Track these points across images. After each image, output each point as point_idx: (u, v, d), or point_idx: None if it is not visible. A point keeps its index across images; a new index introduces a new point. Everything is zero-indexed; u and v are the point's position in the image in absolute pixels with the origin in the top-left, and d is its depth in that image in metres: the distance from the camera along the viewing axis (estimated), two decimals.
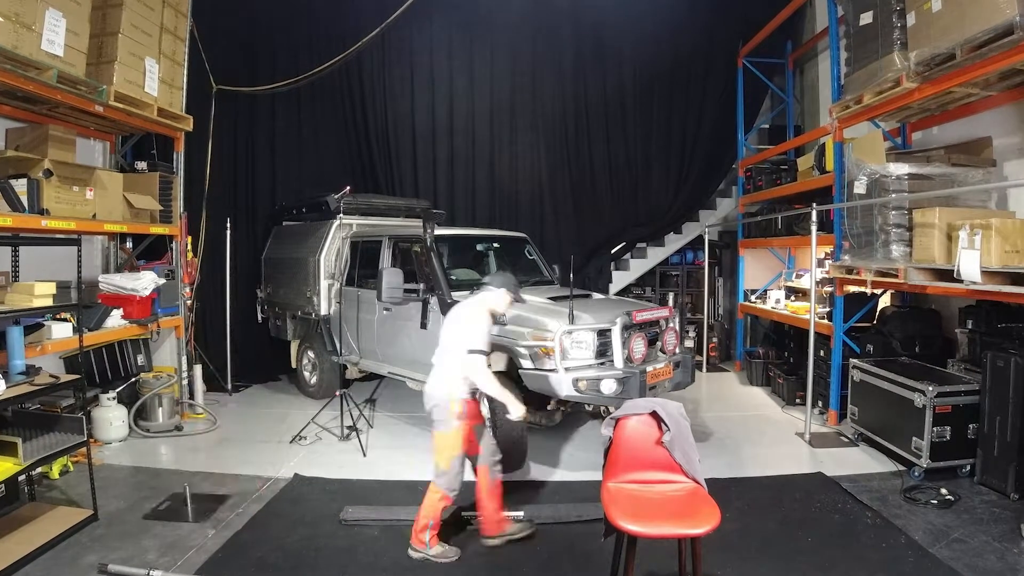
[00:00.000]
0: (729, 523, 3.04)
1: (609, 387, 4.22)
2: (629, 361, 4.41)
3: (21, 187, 4.10)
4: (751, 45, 7.74)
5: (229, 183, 7.30)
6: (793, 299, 7.03)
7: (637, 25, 7.91)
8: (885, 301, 5.90)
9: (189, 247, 6.11)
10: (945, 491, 3.94)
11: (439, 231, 5.35)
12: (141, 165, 5.86)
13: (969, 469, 4.22)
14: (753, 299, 7.75)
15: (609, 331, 4.41)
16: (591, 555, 3.22)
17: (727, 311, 9.04)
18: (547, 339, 4.27)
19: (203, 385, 6.22)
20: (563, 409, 4.98)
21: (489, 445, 3.42)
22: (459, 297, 4.93)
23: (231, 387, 6.81)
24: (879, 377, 4.68)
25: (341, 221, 6.30)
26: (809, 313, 5.55)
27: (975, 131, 5.04)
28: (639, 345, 4.49)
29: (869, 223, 4.92)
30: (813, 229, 5.22)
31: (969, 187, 4.51)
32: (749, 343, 8.13)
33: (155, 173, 5.60)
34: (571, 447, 5.07)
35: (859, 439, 5.02)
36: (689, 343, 8.20)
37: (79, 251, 3.76)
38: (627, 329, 4.48)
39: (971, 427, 4.17)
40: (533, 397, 4.60)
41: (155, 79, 5.18)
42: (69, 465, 4.33)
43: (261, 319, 7.27)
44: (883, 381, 4.63)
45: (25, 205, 4.09)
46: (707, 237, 8.22)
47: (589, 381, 4.21)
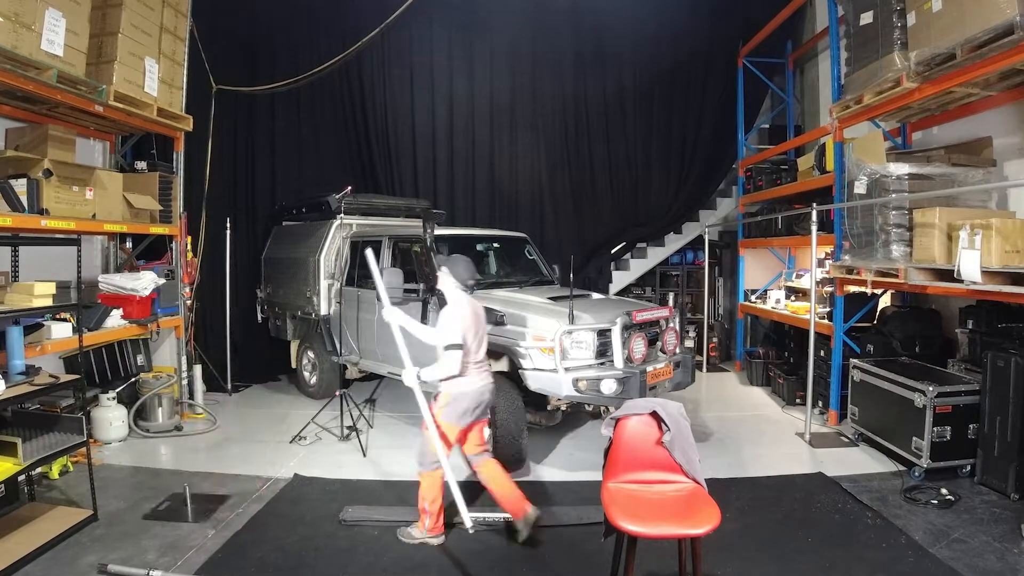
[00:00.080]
0: (729, 523, 3.03)
1: (609, 387, 4.22)
2: (629, 361, 4.41)
3: (21, 187, 4.09)
4: (751, 45, 7.73)
5: (229, 183, 7.30)
6: (793, 299, 7.02)
7: (637, 25, 7.90)
8: (885, 301, 5.90)
9: (189, 247, 6.11)
10: (945, 491, 3.94)
11: (439, 231, 5.35)
12: (141, 165, 5.86)
13: (969, 469, 4.22)
14: (753, 299, 7.75)
15: (609, 331, 4.41)
16: (591, 555, 3.22)
17: (727, 311, 9.03)
18: (547, 339, 4.27)
19: (203, 385, 6.22)
20: (563, 409, 4.97)
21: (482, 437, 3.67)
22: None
23: (231, 387, 6.81)
24: (879, 377, 4.68)
25: (341, 221, 6.31)
26: (809, 313, 5.55)
27: (975, 131, 5.04)
28: (639, 345, 4.49)
29: (869, 223, 4.91)
30: (813, 229, 5.22)
31: (969, 187, 4.51)
32: (749, 343, 8.13)
33: (155, 173, 5.60)
34: (571, 447, 5.07)
35: (859, 439, 5.02)
36: (689, 343, 8.19)
37: (79, 251, 3.76)
38: (627, 329, 4.48)
39: (971, 427, 4.17)
40: (533, 397, 4.60)
41: (155, 79, 5.18)
42: (69, 465, 4.33)
43: (261, 319, 7.26)
44: (883, 381, 4.63)
45: (25, 205, 4.08)
46: (707, 237, 8.22)
47: (589, 381, 4.21)
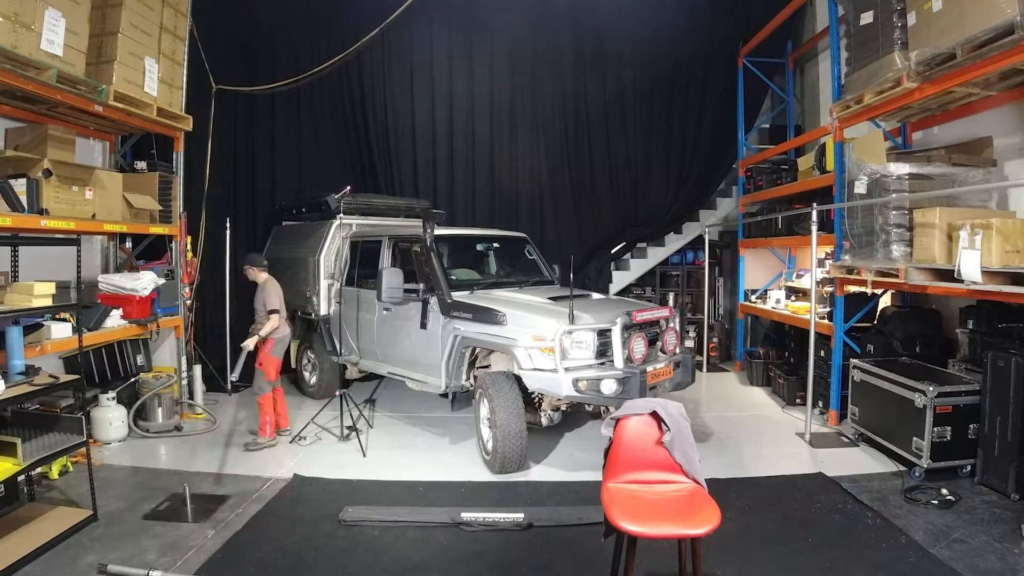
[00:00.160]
0: (729, 523, 3.03)
1: (609, 387, 4.21)
2: (629, 361, 4.41)
3: (20, 187, 4.09)
4: (751, 45, 7.73)
5: (229, 183, 7.30)
6: (793, 299, 7.02)
7: (637, 24, 7.90)
8: (885, 301, 5.89)
9: (189, 247, 6.11)
10: (946, 491, 3.93)
11: (439, 231, 5.34)
12: (141, 165, 5.86)
13: (970, 469, 4.22)
14: (753, 299, 7.75)
15: (609, 331, 4.40)
16: (591, 555, 3.22)
17: (727, 311, 9.02)
18: (547, 339, 4.27)
19: (203, 385, 6.22)
20: (563, 409, 4.97)
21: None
22: (459, 297, 4.95)
23: (231, 387, 6.81)
24: (880, 377, 4.68)
25: (341, 221, 6.30)
26: (809, 313, 5.55)
27: (976, 131, 5.04)
28: (639, 345, 4.48)
29: (869, 223, 4.91)
30: (813, 229, 5.22)
31: (970, 187, 4.51)
32: (749, 343, 8.12)
33: (155, 173, 5.60)
34: (571, 447, 5.06)
35: (859, 439, 5.01)
36: (689, 343, 8.19)
37: (78, 251, 3.76)
38: (627, 329, 4.48)
39: (972, 427, 4.16)
40: (532, 397, 4.60)
41: (155, 79, 5.18)
42: (68, 465, 4.33)
43: None
44: (884, 381, 4.62)
45: (24, 205, 4.08)
46: (707, 237, 8.21)
47: (589, 381, 4.21)
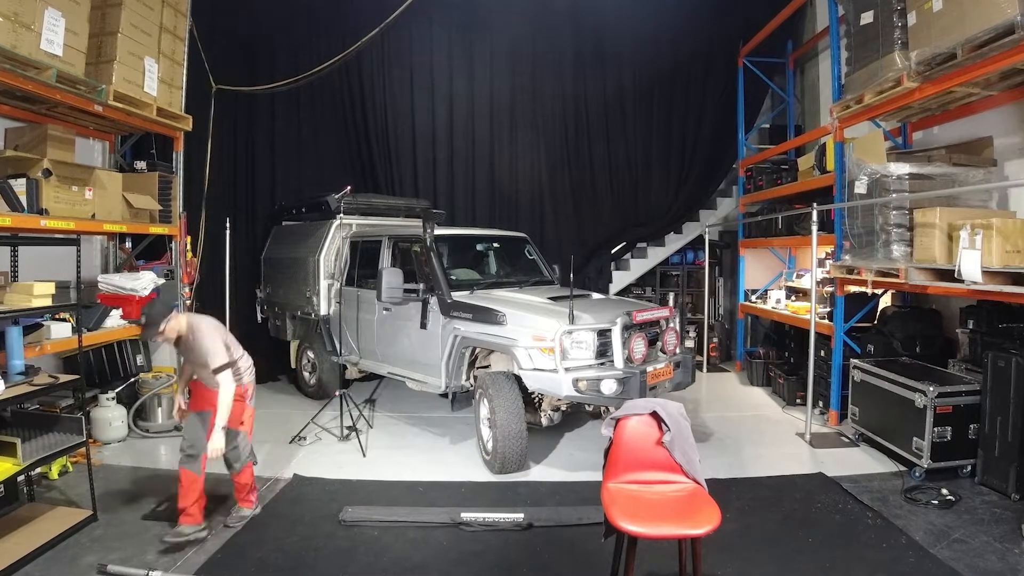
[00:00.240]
0: (729, 523, 3.02)
1: (609, 387, 4.21)
2: (629, 361, 4.40)
3: (20, 187, 4.08)
4: (751, 45, 7.73)
5: (228, 183, 7.29)
6: (794, 299, 7.02)
7: (637, 24, 7.89)
8: (886, 301, 5.89)
9: (188, 247, 6.09)
10: (946, 491, 3.93)
11: (439, 231, 5.34)
12: (140, 165, 5.86)
13: (970, 469, 4.22)
14: (753, 299, 7.74)
15: (609, 331, 4.40)
16: (591, 555, 3.22)
17: (727, 311, 9.02)
18: (547, 339, 4.27)
19: None
20: (563, 409, 4.97)
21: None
22: (459, 297, 4.95)
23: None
24: (880, 377, 4.68)
25: (341, 221, 6.30)
26: (810, 313, 5.54)
27: (976, 131, 5.03)
28: (639, 345, 4.48)
29: (870, 223, 4.91)
30: (814, 229, 5.21)
31: (970, 187, 4.51)
32: (749, 343, 8.12)
33: (154, 173, 5.59)
34: (571, 447, 5.06)
35: (860, 439, 5.01)
36: (689, 343, 8.18)
37: (78, 251, 3.76)
38: (627, 329, 4.47)
39: (972, 427, 4.16)
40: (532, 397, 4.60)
41: (154, 79, 5.17)
42: (68, 465, 4.33)
43: (261, 319, 7.25)
44: (884, 381, 4.62)
45: (24, 205, 4.07)
46: (707, 237, 8.21)
47: (589, 381, 4.21)
